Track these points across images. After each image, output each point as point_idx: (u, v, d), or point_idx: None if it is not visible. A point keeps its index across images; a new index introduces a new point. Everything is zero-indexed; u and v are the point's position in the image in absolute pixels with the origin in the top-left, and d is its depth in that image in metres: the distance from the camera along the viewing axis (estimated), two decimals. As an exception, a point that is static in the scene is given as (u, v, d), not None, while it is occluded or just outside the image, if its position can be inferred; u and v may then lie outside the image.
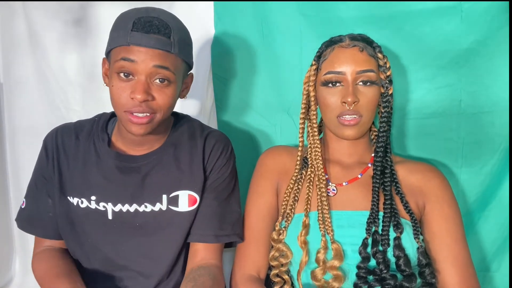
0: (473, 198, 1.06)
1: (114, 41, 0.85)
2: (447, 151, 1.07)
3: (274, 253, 0.92)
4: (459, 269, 0.87)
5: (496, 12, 0.97)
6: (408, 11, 1.02)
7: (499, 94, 1.01)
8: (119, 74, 0.84)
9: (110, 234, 0.93)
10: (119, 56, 0.83)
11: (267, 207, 0.98)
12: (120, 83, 0.84)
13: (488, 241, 1.06)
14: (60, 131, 0.99)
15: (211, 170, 0.96)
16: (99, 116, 1.03)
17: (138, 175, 0.93)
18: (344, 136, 0.91)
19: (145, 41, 0.83)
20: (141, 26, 0.83)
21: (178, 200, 0.93)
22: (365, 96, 0.89)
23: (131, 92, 0.83)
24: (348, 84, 0.89)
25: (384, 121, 0.94)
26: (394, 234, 0.87)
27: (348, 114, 0.89)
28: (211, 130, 1.02)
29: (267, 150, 1.05)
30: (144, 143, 0.95)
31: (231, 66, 1.21)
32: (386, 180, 0.92)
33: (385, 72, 0.92)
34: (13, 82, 1.34)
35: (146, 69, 0.83)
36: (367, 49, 0.90)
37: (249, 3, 1.16)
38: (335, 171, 0.98)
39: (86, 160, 0.95)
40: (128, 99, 0.84)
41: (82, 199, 0.93)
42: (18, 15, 1.30)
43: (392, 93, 0.93)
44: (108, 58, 0.89)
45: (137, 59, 0.82)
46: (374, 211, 0.89)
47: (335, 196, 0.94)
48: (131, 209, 0.92)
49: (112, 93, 0.85)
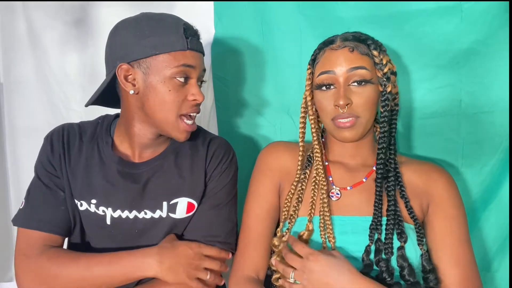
0: (473, 198, 1.06)
1: (163, 47, 0.84)
2: (447, 151, 1.06)
3: (275, 258, 0.90)
4: (461, 270, 0.86)
5: (496, 12, 0.97)
6: (408, 11, 1.02)
7: (499, 94, 1.01)
8: (175, 78, 0.86)
9: (107, 239, 0.93)
10: (179, 62, 0.85)
11: (267, 207, 0.96)
12: (178, 87, 0.86)
13: (488, 241, 1.06)
14: (66, 129, 0.97)
15: (210, 176, 0.96)
16: (102, 118, 1.02)
17: (139, 181, 0.93)
18: (342, 138, 0.89)
19: (199, 46, 0.90)
20: (192, 32, 0.88)
21: (176, 207, 0.93)
22: (360, 96, 0.87)
23: (191, 94, 0.88)
24: (340, 86, 0.87)
25: (384, 121, 0.90)
26: (397, 243, 0.85)
27: (343, 117, 0.87)
28: (213, 137, 1.02)
29: (267, 147, 1.03)
30: (153, 146, 0.95)
31: (231, 66, 1.21)
32: (390, 184, 0.90)
33: (381, 70, 0.88)
34: (13, 82, 1.34)
35: (198, 73, 0.89)
36: (359, 48, 0.88)
37: (249, 3, 1.16)
38: (339, 174, 0.96)
39: (89, 163, 0.94)
40: (185, 101, 0.88)
41: (82, 201, 0.92)
42: (18, 15, 1.31)
43: (391, 90, 0.90)
44: (138, 63, 0.85)
45: (195, 64, 0.87)
46: (377, 217, 0.87)
47: (338, 200, 0.92)
48: (131, 216, 0.92)
49: (167, 98, 0.86)
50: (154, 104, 0.86)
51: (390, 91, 0.89)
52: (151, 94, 0.86)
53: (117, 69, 0.86)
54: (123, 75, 0.87)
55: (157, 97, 0.86)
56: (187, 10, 1.18)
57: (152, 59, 0.85)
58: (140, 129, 0.92)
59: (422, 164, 0.97)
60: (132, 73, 0.86)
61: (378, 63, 0.88)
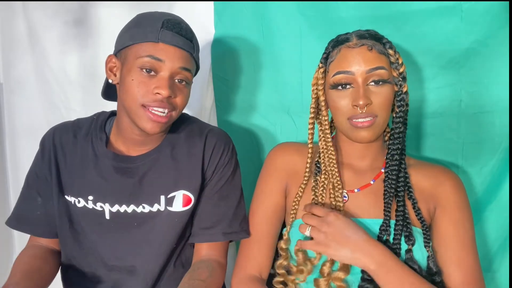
0: (473, 198, 1.06)
1: (137, 37, 0.85)
2: (447, 151, 1.06)
3: (282, 261, 0.90)
4: (465, 274, 0.85)
5: (496, 12, 0.97)
6: (408, 11, 1.02)
7: (499, 94, 1.01)
8: (141, 69, 0.85)
9: (107, 234, 0.93)
10: (146, 53, 0.84)
11: (273, 208, 0.96)
12: (142, 78, 0.85)
13: (488, 241, 1.06)
14: (58, 130, 0.99)
15: (214, 170, 0.96)
16: (97, 114, 1.02)
17: (135, 175, 0.93)
18: (358, 139, 0.86)
19: (175, 41, 0.86)
20: (171, 26, 0.86)
21: (173, 200, 0.93)
22: (379, 96, 0.84)
23: (155, 87, 0.84)
24: (359, 86, 0.84)
25: (400, 121, 0.88)
26: (405, 245, 0.85)
27: (361, 117, 0.84)
28: (211, 128, 1.01)
29: (275, 148, 1.02)
30: (146, 143, 0.95)
31: (231, 66, 1.21)
32: (400, 185, 0.89)
33: (397, 69, 0.86)
34: (13, 82, 1.34)
35: (172, 68, 0.85)
36: (376, 47, 0.85)
37: (249, 3, 1.16)
38: (347, 177, 0.94)
39: (84, 159, 0.95)
40: (149, 93, 0.85)
41: (79, 198, 0.93)
42: (18, 15, 1.31)
43: (406, 90, 0.88)
44: (120, 54, 0.89)
45: (165, 57, 0.84)
46: (387, 220, 0.86)
47: (346, 203, 0.91)
48: (129, 210, 0.92)
49: (130, 87, 0.85)
50: (121, 94, 0.88)
51: (406, 91, 0.88)
52: (122, 83, 0.87)
53: (106, 60, 0.91)
54: (109, 66, 0.91)
55: (123, 87, 0.87)
56: (187, 10, 1.17)
57: (128, 49, 0.86)
58: (127, 122, 0.91)
59: (430, 166, 0.95)
60: (115, 64, 0.90)
61: (394, 62, 0.86)
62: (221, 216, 0.95)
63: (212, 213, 0.95)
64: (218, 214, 0.95)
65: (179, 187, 0.94)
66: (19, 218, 0.99)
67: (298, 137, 1.16)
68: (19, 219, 0.99)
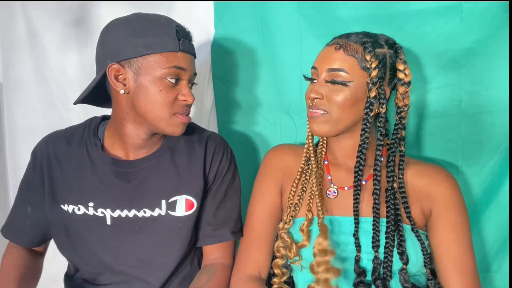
0: (473, 198, 1.06)
1: (155, 46, 0.84)
2: (447, 151, 1.06)
3: (279, 243, 0.92)
4: (465, 279, 0.86)
5: (496, 12, 0.97)
6: (408, 11, 1.02)
7: (499, 94, 1.01)
8: (166, 79, 0.85)
9: (108, 239, 0.92)
10: (171, 63, 0.85)
11: (270, 207, 0.97)
12: (168, 87, 0.86)
13: (488, 242, 1.06)
14: (51, 139, 0.98)
15: (215, 173, 0.97)
16: (89, 120, 1.01)
17: (135, 180, 0.93)
18: (312, 131, 0.91)
19: (191, 49, 0.90)
20: (185, 34, 0.88)
21: (176, 205, 0.93)
22: (333, 94, 0.86)
23: (181, 95, 0.88)
24: (318, 81, 0.89)
25: (366, 127, 0.88)
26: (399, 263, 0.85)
27: (312, 108, 0.89)
28: (209, 133, 1.02)
29: (273, 149, 1.03)
30: (145, 146, 0.95)
31: (231, 66, 1.21)
32: (389, 185, 0.89)
33: (369, 74, 0.85)
34: (13, 82, 1.34)
35: (189, 75, 0.89)
36: (348, 48, 0.86)
37: (249, 3, 1.16)
38: (339, 174, 0.95)
39: (80, 166, 0.94)
40: (177, 101, 0.88)
41: (79, 205, 0.92)
42: (18, 15, 1.30)
43: (375, 95, 0.86)
44: (128, 63, 0.85)
45: (186, 66, 0.88)
46: (376, 218, 0.87)
47: (336, 199, 0.92)
48: (130, 215, 0.92)
49: (158, 97, 0.86)
50: (145, 104, 0.87)
51: (375, 96, 0.86)
52: (141, 94, 0.86)
53: (107, 68, 0.86)
54: (114, 74, 0.86)
55: (147, 97, 0.86)
56: (187, 10, 1.18)
57: (143, 59, 0.85)
58: (132, 129, 0.91)
59: (425, 165, 0.95)
60: (122, 73, 0.86)
61: (368, 67, 0.85)
62: (228, 216, 0.97)
63: (219, 214, 0.97)
64: (224, 215, 0.97)
65: (181, 191, 0.94)
66: (10, 227, 1.00)
67: (298, 137, 1.16)
68: (11, 228, 1.00)
